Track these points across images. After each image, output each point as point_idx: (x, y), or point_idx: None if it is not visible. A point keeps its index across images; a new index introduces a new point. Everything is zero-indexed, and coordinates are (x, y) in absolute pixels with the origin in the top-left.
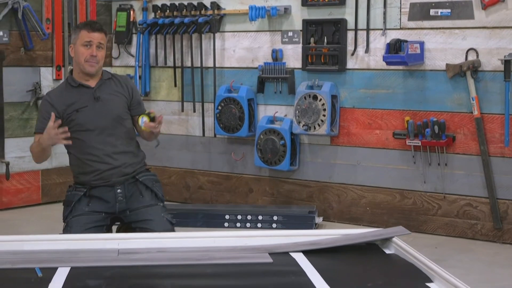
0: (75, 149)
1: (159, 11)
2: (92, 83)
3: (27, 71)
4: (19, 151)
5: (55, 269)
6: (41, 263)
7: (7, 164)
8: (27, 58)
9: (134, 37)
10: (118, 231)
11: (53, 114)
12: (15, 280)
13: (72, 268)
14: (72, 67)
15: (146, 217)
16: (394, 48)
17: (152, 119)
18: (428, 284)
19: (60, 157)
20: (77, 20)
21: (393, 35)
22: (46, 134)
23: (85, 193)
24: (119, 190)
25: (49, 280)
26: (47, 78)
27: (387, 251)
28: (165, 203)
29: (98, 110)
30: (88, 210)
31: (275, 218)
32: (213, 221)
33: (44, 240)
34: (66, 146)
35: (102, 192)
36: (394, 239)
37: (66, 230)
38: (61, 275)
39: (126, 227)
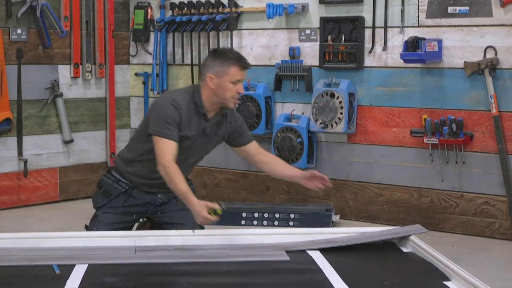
0: (150, 159)
1: (176, 9)
2: (211, 113)
3: (45, 68)
4: (37, 149)
5: (72, 266)
6: (58, 260)
7: (25, 162)
8: (45, 55)
9: (152, 35)
10: (139, 228)
11: (209, 204)
12: (33, 277)
13: (90, 265)
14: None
15: (178, 221)
16: (412, 45)
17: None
18: (445, 282)
19: (77, 154)
20: (95, 18)
21: (410, 32)
22: (197, 207)
23: (126, 191)
24: (160, 196)
25: (66, 277)
26: (65, 76)
27: (404, 250)
28: None
29: (196, 145)
30: (122, 210)
31: (292, 216)
32: (230, 219)
33: (61, 237)
34: (143, 147)
35: (142, 194)
36: (412, 237)
37: (92, 224)
38: (78, 272)
39: (151, 225)
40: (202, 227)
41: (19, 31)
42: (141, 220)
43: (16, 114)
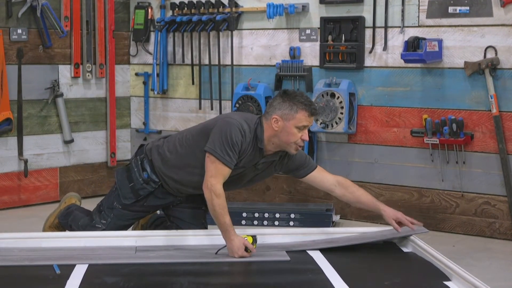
0: (177, 172)
1: (177, 9)
2: (268, 152)
3: (45, 68)
4: (37, 149)
5: (73, 266)
6: (59, 260)
7: (26, 162)
8: (45, 55)
9: (152, 35)
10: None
11: (247, 243)
12: (34, 277)
13: (90, 265)
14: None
15: (189, 220)
16: (412, 45)
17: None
18: (446, 282)
19: (78, 154)
20: (96, 18)
21: (411, 32)
22: (235, 243)
23: (153, 191)
24: (179, 198)
25: (67, 277)
26: (65, 76)
27: (405, 250)
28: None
29: (247, 177)
30: (139, 208)
31: (292, 216)
32: (230, 218)
33: (62, 237)
34: (192, 160)
35: (166, 195)
36: (412, 237)
37: (106, 214)
38: (79, 272)
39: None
40: (205, 227)
41: (19, 31)
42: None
43: (17, 114)
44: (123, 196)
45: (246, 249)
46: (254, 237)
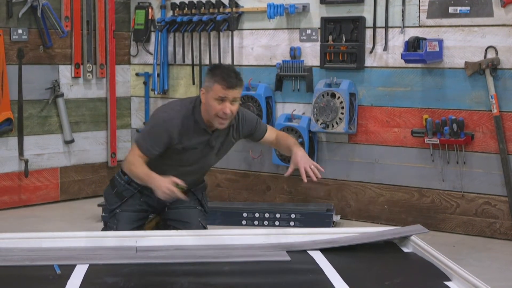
0: (158, 170)
1: (177, 9)
2: (213, 127)
3: (46, 69)
4: (37, 149)
5: (73, 266)
6: (59, 260)
7: (26, 162)
8: (46, 56)
9: (153, 35)
10: (146, 224)
11: (174, 179)
12: (34, 277)
13: (91, 265)
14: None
15: (184, 219)
16: (413, 46)
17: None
18: (446, 282)
19: (78, 154)
20: (96, 18)
21: (411, 33)
22: (159, 182)
23: (139, 190)
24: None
25: (67, 277)
26: (66, 76)
27: (405, 250)
28: (207, 213)
29: (204, 155)
30: (138, 208)
31: (292, 216)
32: (230, 219)
33: (62, 237)
34: (152, 160)
35: (153, 196)
36: (412, 237)
37: (112, 222)
38: (79, 272)
39: (158, 221)
40: (205, 227)
41: (20, 31)
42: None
43: (17, 114)
44: (109, 203)
45: (179, 187)
46: (183, 186)
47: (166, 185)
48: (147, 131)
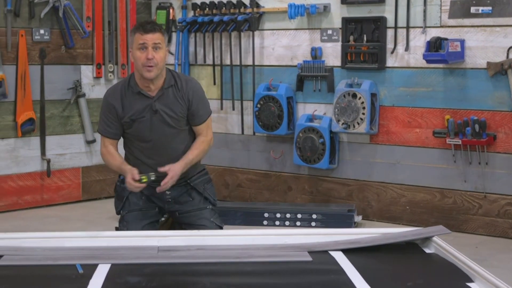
0: (132, 153)
1: (198, 9)
2: (153, 91)
3: (67, 69)
4: (60, 149)
5: (95, 265)
6: (82, 260)
7: (48, 161)
8: (67, 56)
9: (174, 35)
10: (161, 226)
11: (135, 173)
12: (56, 276)
13: (113, 265)
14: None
15: (196, 222)
16: (434, 46)
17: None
18: (468, 284)
19: (100, 154)
20: (117, 19)
21: (433, 33)
22: (127, 179)
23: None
24: (168, 192)
25: (89, 276)
26: (87, 76)
27: (427, 251)
28: (216, 205)
29: (155, 123)
30: (143, 205)
31: (314, 216)
32: (252, 219)
33: (84, 237)
34: (125, 146)
35: (151, 191)
36: (434, 238)
37: (122, 225)
38: (101, 271)
39: (172, 222)
40: (220, 226)
41: (42, 31)
42: (163, 218)
43: (39, 114)
44: (116, 208)
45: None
46: (148, 176)
47: (129, 182)
48: (100, 115)
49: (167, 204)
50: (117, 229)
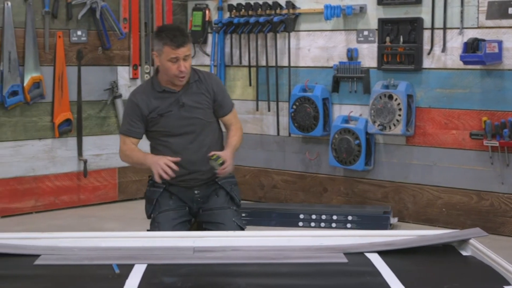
0: (159, 151)
1: (234, 11)
2: (178, 87)
3: (104, 70)
4: (96, 149)
5: (131, 265)
6: (118, 260)
7: (85, 162)
8: (104, 57)
9: (210, 37)
10: (190, 228)
11: (173, 165)
12: (93, 276)
13: (149, 265)
14: (156, 68)
15: (217, 220)
16: (472, 47)
17: (221, 164)
18: (506, 286)
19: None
20: (154, 20)
21: (470, 34)
22: (155, 159)
23: (164, 188)
24: (196, 192)
25: (126, 276)
26: (124, 77)
27: (464, 253)
28: (240, 207)
29: (182, 116)
30: (173, 204)
31: (349, 218)
32: (287, 220)
33: (121, 237)
34: (151, 145)
35: (180, 191)
36: (471, 240)
37: (154, 226)
38: (137, 271)
39: (198, 226)
40: (241, 227)
41: (79, 32)
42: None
43: (76, 115)
44: (146, 212)
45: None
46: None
47: (161, 161)
48: (123, 116)
49: (196, 203)
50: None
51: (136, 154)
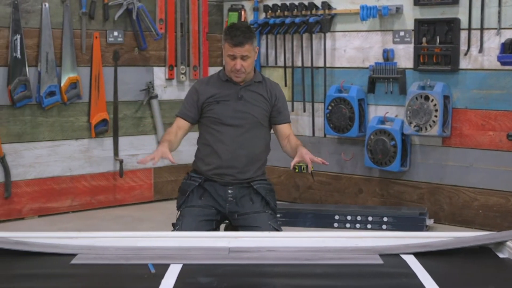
0: (205, 139)
1: (270, 11)
2: (241, 81)
3: (140, 70)
4: (132, 149)
5: (167, 265)
6: (154, 260)
7: (121, 162)
8: (140, 57)
9: None
10: (226, 230)
11: (170, 158)
12: (129, 275)
13: (184, 265)
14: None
15: (253, 224)
16: (509, 48)
17: (306, 168)
18: None
19: (172, 155)
20: (190, 21)
21: (508, 34)
22: (160, 146)
23: (199, 184)
24: (230, 191)
25: (161, 276)
26: (160, 78)
27: (501, 255)
28: (276, 211)
29: (238, 108)
30: (201, 203)
31: (385, 219)
32: (322, 221)
33: (156, 237)
34: (200, 134)
35: (214, 187)
36: (508, 242)
37: (179, 220)
38: (173, 271)
39: (233, 228)
40: (277, 229)
41: (115, 33)
42: (225, 222)
43: (113, 115)
44: (177, 204)
45: None
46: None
47: (159, 151)
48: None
49: (229, 203)
50: (173, 225)
51: (165, 136)
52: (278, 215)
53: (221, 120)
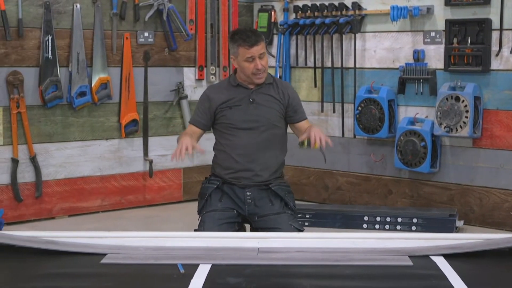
0: (221, 144)
1: (300, 12)
2: (253, 85)
3: (170, 71)
4: (162, 150)
5: (196, 265)
6: (183, 260)
7: (151, 162)
8: (170, 58)
9: (275, 38)
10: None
11: (190, 148)
12: (158, 275)
13: (213, 265)
14: (234, 69)
15: (274, 225)
16: None
17: (308, 143)
18: None
19: (201, 155)
20: (220, 21)
21: None
22: (183, 139)
23: (218, 186)
24: (248, 193)
25: (191, 276)
26: (190, 78)
27: None
28: (295, 212)
29: (250, 112)
30: (221, 206)
31: (414, 220)
32: (351, 222)
33: (185, 237)
34: (216, 140)
35: (233, 190)
36: None
37: (200, 226)
38: (202, 271)
39: (254, 231)
40: (300, 231)
41: (146, 34)
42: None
43: (143, 116)
44: (198, 207)
45: None
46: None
47: (183, 145)
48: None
49: (248, 205)
50: (195, 231)
51: (182, 135)
52: (307, 216)
53: (234, 125)
